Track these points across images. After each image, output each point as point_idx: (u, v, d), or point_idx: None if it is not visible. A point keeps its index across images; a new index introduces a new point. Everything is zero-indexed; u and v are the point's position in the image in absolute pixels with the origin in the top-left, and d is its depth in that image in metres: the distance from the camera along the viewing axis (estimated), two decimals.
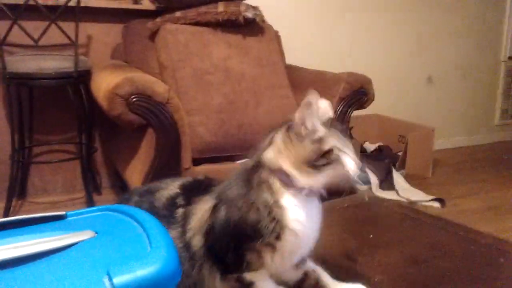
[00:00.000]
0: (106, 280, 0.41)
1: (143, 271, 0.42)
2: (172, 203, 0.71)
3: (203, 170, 1.93)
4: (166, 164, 1.85)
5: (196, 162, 1.96)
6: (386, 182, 2.69)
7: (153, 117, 1.79)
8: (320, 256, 0.89)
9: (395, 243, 1.00)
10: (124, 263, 0.43)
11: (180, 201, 0.71)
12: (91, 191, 2.30)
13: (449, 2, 3.64)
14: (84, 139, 2.33)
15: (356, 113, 2.28)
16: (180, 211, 0.70)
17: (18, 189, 2.37)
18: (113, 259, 0.45)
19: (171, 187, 0.74)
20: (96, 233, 0.50)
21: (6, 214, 2.17)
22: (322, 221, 0.73)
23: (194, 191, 0.73)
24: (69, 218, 0.55)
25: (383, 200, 1.28)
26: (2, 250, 0.45)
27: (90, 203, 2.25)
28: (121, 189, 2.50)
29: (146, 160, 1.87)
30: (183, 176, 1.87)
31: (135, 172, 1.98)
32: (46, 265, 0.44)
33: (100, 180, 2.57)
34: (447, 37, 3.70)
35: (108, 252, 0.46)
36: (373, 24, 3.36)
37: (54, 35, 2.09)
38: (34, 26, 2.10)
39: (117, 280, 0.41)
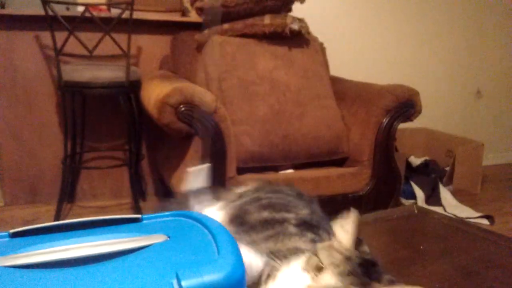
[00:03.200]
0: (175, 283, 0.43)
1: (210, 276, 0.43)
2: None
3: (247, 179, 1.95)
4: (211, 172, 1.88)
5: (240, 171, 1.98)
6: (433, 198, 2.62)
7: (200, 126, 1.83)
8: None
9: (446, 254, 0.98)
10: (193, 267, 0.44)
11: None
12: (137, 197, 2.36)
13: (498, 13, 3.53)
14: (132, 146, 2.41)
15: (402, 126, 2.24)
16: None
17: (68, 193, 2.47)
18: (183, 262, 0.46)
19: None
20: (169, 237, 0.51)
21: (56, 217, 2.26)
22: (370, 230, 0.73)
23: None
24: (144, 221, 0.58)
25: (433, 212, 1.25)
26: (80, 248, 0.47)
27: (136, 209, 2.31)
28: (165, 196, 2.56)
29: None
30: (228, 184, 1.90)
31: (180, 180, 2.02)
32: (120, 264, 0.46)
33: (145, 187, 2.64)
34: (497, 48, 3.58)
35: (178, 255, 0.47)
36: (420, 35, 3.30)
37: (107, 46, 2.18)
38: (89, 37, 2.19)
39: (185, 283, 0.42)
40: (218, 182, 1.90)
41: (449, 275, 0.88)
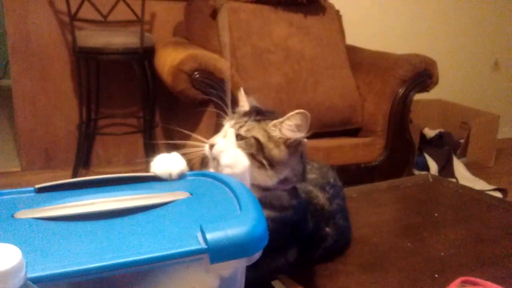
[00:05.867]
0: (199, 235, 0.43)
1: (234, 231, 0.44)
2: None
3: None
4: None
5: None
6: (446, 170, 2.61)
7: (214, 93, 1.82)
8: (384, 230, 0.89)
9: (460, 221, 0.98)
10: (217, 222, 0.45)
11: None
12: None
13: None
14: (146, 114, 2.41)
15: (417, 97, 2.22)
16: None
17: (84, 159, 2.50)
18: (206, 218, 0.47)
19: None
20: (191, 194, 0.52)
21: None
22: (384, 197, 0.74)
23: None
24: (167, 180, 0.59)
25: (448, 181, 1.25)
26: (105, 203, 0.48)
27: None
28: None
29: (205, 136, 1.92)
30: None
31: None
32: (145, 218, 0.47)
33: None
34: None
35: (201, 211, 0.48)
36: (437, 4, 3.22)
37: (121, 12, 2.16)
38: (103, 3, 2.17)
39: (209, 236, 0.43)
40: None
41: (463, 241, 0.89)
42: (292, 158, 0.68)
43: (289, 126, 0.67)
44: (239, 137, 0.68)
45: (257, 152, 0.66)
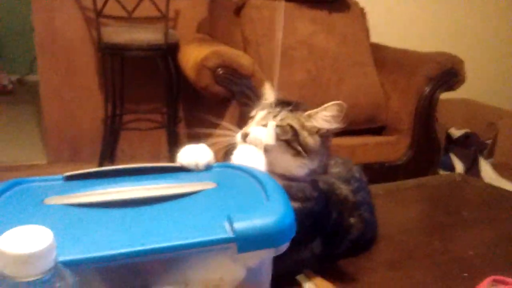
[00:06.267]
0: (227, 224, 0.43)
1: (261, 220, 0.44)
2: None
3: None
4: None
5: None
6: (472, 171, 2.56)
7: (238, 90, 1.82)
8: (411, 228, 0.88)
9: (489, 221, 0.96)
10: (244, 212, 0.45)
11: None
12: (175, 159, 2.40)
13: None
14: (170, 109, 2.43)
15: (443, 96, 2.18)
16: None
17: (108, 154, 2.53)
18: (233, 207, 0.47)
19: None
20: (217, 184, 0.52)
21: None
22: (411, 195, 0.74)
23: None
24: (193, 171, 0.59)
25: (476, 180, 1.22)
26: (134, 191, 0.49)
27: None
28: None
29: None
30: None
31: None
32: (173, 206, 0.47)
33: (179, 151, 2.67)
34: None
35: (228, 201, 0.48)
36: (465, 2, 3.14)
37: (146, 8, 2.18)
38: None
39: (237, 225, 0.43)
40: None
41: (493, 241, 0.87)
42: (323, 149, 0.69)
43: (325, 117, 0.69)
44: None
45: (293, 138, 0.67)
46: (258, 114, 0.71)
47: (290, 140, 0.67)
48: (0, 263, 0.32)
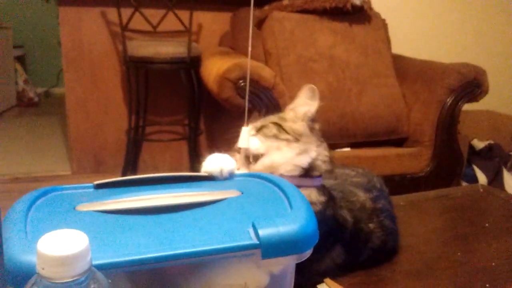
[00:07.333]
0: (251, 231, 0.45)
1: (285, 228, 0.45)
2: None
3: None
4: None
5: None
6: (495, 183, 2.51)
7: (259, 102, 1.84)
8: (433, 239, 0.87)
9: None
10: (268, 219, 0.46)
11: None
12: (196, 171, 2.42)
13: None
14: (191, 121, 2.47)
15: (465, 107, 2.15)
16: None
17: (131, 165, 2.58)
18: (257, 214, 0.48)
19: None
20: (242, 192, 0.54)
21: None
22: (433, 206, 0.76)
23: None
24: (218, 180, 0.61)
25: (499, 191, 1.21)
26: (161, 198, 0.50)
27: None
28: None
29: None
30: None
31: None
32: (199, 213, 0.48)
33: (203, 161, 2.70)
34: None
35: (252, 209, 0.50)
36: (485, 13, 3.12)
37: (170, 23, 2.23)
38: (153, 14, 2.25)
39: (261, 231, 0.44)
40: None
41: None
42: (313, 135, 0.73)
43: (302, 102, 0.76)
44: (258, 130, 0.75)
45: (279, 131, 0.72)
46: (243, 130, 0.76)
47: (276, 134, 0.72)
48: (38, 265, 0.34)
